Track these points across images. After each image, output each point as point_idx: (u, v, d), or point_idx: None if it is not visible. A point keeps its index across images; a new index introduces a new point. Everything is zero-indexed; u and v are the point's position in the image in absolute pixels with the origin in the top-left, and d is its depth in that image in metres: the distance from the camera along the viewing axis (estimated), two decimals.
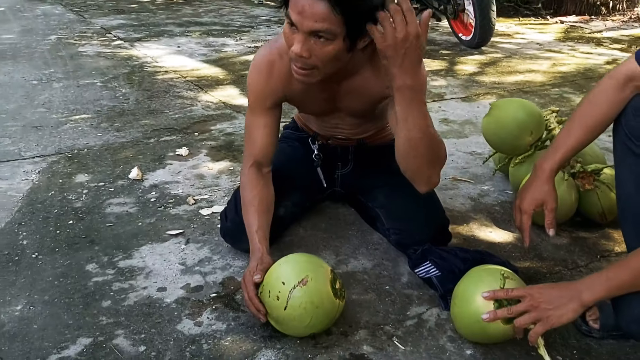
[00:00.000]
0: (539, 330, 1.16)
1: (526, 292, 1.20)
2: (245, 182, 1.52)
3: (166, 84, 3.23)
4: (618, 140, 1.31)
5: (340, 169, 1.76)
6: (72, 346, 1.30)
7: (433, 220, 1.58)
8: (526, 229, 1.39)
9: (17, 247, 1.68)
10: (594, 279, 1.17)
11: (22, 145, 2.38)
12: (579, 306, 1.14)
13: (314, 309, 1.25)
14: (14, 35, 4.41)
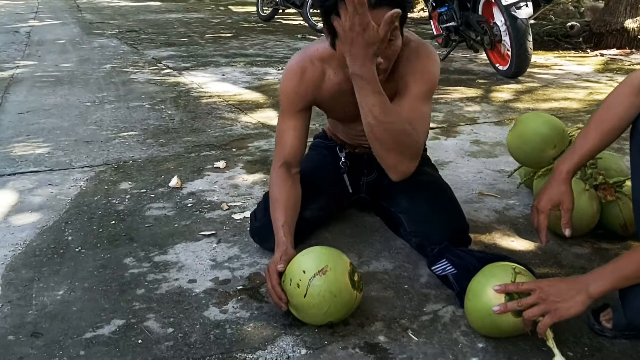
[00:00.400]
0: (548, 322, 1.19)
1: (536, 285, 1.23)
2: (274, 181, 1.61)
3: (209, 106, 3.40)
4: (634, 144, 1.35)
5: (366, 176, 1.84)
6: (106, 326, 1.40)
7: (452, 224, 1.63)
8: (543, 228, 1.43)
9: (62, 242, 1.81)
10: (600, 271, 1.20)
11: (74, 156, 2.56)
12: (586, 298, 1.18)
13: (332, 297, 1.32)
14: (72, 64, 4.71)
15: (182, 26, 7.02)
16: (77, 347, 1.33)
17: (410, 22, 7.26)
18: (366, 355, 1.29)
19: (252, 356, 1.30)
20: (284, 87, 1.62)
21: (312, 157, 1.87)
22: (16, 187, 2.23)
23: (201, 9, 9.07)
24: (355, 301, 1.37)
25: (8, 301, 1.50)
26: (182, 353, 1.31)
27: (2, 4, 9.44)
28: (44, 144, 2.72)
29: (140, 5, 9.38)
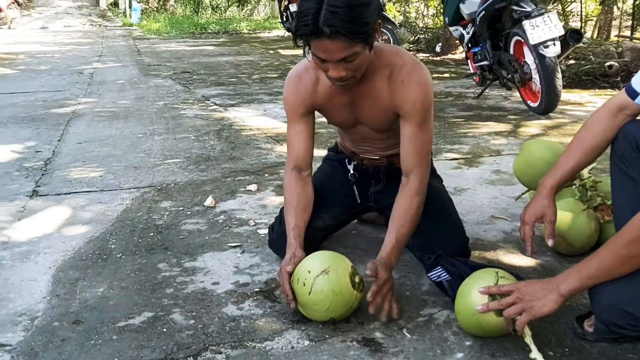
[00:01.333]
0: (524, 320, 1.31)
1: (514, 286, 1.36)
2: (287, 185, 1.80)
3: (248, 138, 3.64)
4: (613, 164, 1.49)
5: (374, 187, 1.98)
6: (137, 317, 1.60)
7: (452, 241, 1.76)
8: (528, 238, 1.56)
9: (106, 249, 2.04)
10: (569, 271, 1.32)
11: (122, 179, 2.82)
12: (558, 297, 1.30)
13: (334, 295, 1.47)
14: (128, 101, 5.09)
15: (232, 68, 7.41)
16: (110, 333, 1.53)
17: (451, 62, 7.45)
18: (362, 348, 1.44)
19: (261, 345, 1.46)
20: (285, 97, 1.81)
21: (324, 169, 2.06)
22: (70, 204, 2.50)
23: (252, 52, 9.52)
24: (355, 300, 1.52)
25: (56, 295, 1.73)
26: (200, 340, 1.48)
27: (69, 48, 10.17)
28: (98, 169, 3.00)
29: (196, 50, 9.93)
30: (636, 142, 1.42)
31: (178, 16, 17.54)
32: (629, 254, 1.25)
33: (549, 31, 3.74)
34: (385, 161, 1.95)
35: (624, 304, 1.26)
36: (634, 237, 1.24)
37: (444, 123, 3.98)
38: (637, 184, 1.41)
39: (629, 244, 1.25)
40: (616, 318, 1.28)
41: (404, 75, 1.66)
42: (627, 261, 1.26)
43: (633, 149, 1.43)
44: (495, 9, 4.17)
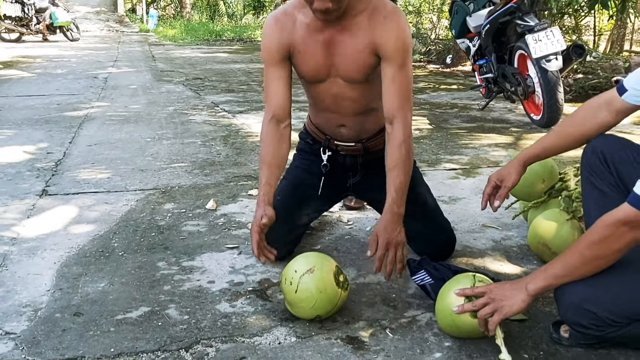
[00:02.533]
0: (496, 319, 1.38)
1: (487, 288, 1.43)
2: (264, 137, 1.81)
3: (254, 144, 3.73)
4: (583, 177, 1.57)
5: (352, 179, 2.03)
6: (134, 311, 1.68)
7: (438, 239, 1.88)
8: (485, 194, 1.71)
9: (109, 247, 2.13)
10: (536, 272, 1.40)
11: (129, 181, 2.92)
12: (525, 296, 1.36)
13: (319, 293, 1.55)
14: (139, 106, 5.20)
15: (243, 75, 7.53)
16: (108, 325, 1.61)
17: (460, 74, 7.51)
18: (345, 345, 1.51)
19: (250, 340, 1.53)
20: (263, 42, 1.80)
21: (301, 164, 2.07)
22: (78, 204, 2.59)
23: None
24: (340, 298, 1.59)
25: (59, 289, 1.81)
26: (193, 334, 1.56)
27: (85, 52, 10.37)
28: (105, 171, 3.10)
29: (209, 56, 10.08)
30: (604, 156, 1.50)
31: (194, 23, 17.78)
32: (591, 255, 1.31)
33: (551, 45, 3.80)
34: (361, 148, 1.96)
35: (586, 303, 1.32)
36: (596, 239, 1.30)
37: (446, 134, 4.04)
38: (606, 196, 1.48)
39: (591, 246, 1.31)
40: (579, 317, 1.34)
41: (387, 13, 1.70)
42: (590, 262, 1.32)
43: (601, 163, 1.51)
44: (500, 22, 4.24)
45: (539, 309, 1.67)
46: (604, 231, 1.30)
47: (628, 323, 1.35)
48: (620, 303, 1.34)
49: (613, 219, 1.29)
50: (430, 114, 4.83)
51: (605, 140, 1.58)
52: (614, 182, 1.54)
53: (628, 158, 1.53)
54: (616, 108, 1.56)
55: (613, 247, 1.30)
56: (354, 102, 1.86)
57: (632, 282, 1.36)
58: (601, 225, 1.31)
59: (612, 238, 1.29)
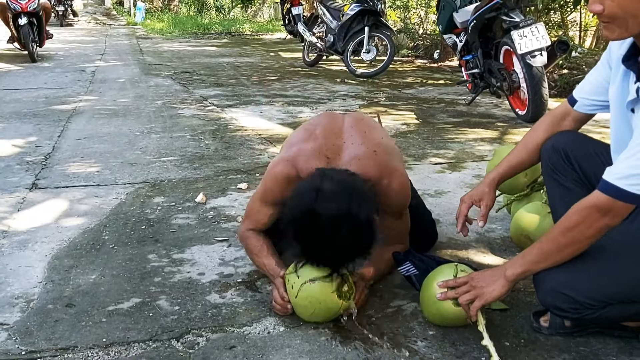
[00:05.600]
0: (477, 305, 1.43)
1: (468, 277, 1.48)
2: (249, 236, 1.85)
3: (243, 138, 3.76)
4: (546, 175, 1.63)
5: None
6: (125, 302, 1.71)
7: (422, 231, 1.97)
8: (461, 216, 1.74)
9: (99, 240, 2.15)
10: (514, 259, 1.45)
11: (118, 175, 2.94)
12: (505, 282, 1.42)
13: (317, 303, 1.53)
14: (128, 100, 5.20)
15: (232, 69, 7.53)
16: (100, 315, 1.64)
17: (447, 69, 7.57)
18: (332, 334, 1.55)
19: (240, 330, 1.57)
20: (269, 188, 1.76)
21: None
22: (68, 197, 2.61)
23: (253, 54, 9.64)
24: (341, 308, 1.56)
25: (51, 281, 1.84)
26: (183, 325, 1.60)
27: (73, 46, 10.30)
28: (95, 165, 3.12)
29: (197, 50, 10.05)
30: (565, 153, 1.57)
31: (182, 16, 17.69)
32: (565, 242, 1.37)
33: (536, 41, 3.86)
34: None
35: (564, 288, 1.38)
36: (570, 225, 1.35)
37: (433, 129, 4.09)
38: (571, 192, 1.55)
39: (565, 232, 1.36)
40: (558, 301, 1.39)
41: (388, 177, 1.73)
42: (564, 248, 1.37)
43: (563, 160, 1.57)
44: (486, 18, 4.29)
45: (520, 299, 1.72)
46: (577, 218, 1.35)
47: (604, 306, 1.40)
48: (597, 287, 1.39)
49: (585, 206, 1.34)
50: (417, 108, 4.88)
51: (564, 137, 1.64)
52: (578, 178, 1.61)
53: (589, 153, 1.60)
54: (572, 118, 1.66)
55: (586, 233, 1.35)
56: None
57: (607, 267, 1.41)
58: (574, 211, 1.36)
59: (585, 224, 1.34)
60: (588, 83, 1.59)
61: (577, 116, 1.64)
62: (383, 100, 5.25)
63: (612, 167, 1.32)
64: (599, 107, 1.59)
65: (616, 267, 1.40)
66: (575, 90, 1.62)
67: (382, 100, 5.23)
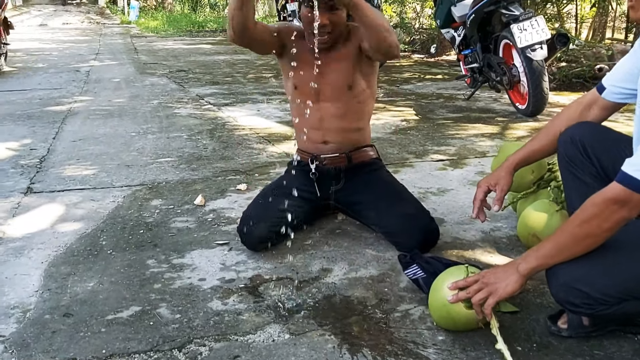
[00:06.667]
0: (491, 302, 1.38)
1: (479, 275, 1.44)
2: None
3: (241, 138, 3.71)
4: (563, 167, 1.58)
5: (334, 186, 2.15)
6: (125, 311, 1.66)
7: (421, 230, 1.94)
8: (477, 200, 1.71)
9: (97, 245, 2.10)
10: (528, 252, 1.41)
11: (115, 177, 2.88)
12: (518, 276, 1.37)
13: None
14: (123, 100, 5.14)
15: (227, 67, 7.47)
16: (99, 325, 1.59)
17: (445, 64, 7.52)
18: (339, 341, 1.50)
19: (243, 338, 1.53)
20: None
21: (288, 175, 2.22)
22: (64, 201, 2.56)
23: (248, 51, 9.52)
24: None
25: (48, 289, 1.79)
26: (185, 334, 1.55)
27: (67, 45, 10.22)
28: (91, 167, 3.07)
29: (192, 48, 9.98)
30: (583, 145, 1.51)
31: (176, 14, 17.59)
32: (581, 234, 1.32)
33: (536, 35, 3.81)
34: (345, 159, 2.13)
35: (577, 283, 1.33)
36: (586, 218, 1.31)
37: (433, 124, 4.04)
38: (588, 185, 1.50)
39: (581, 224, 1.31)
40: (571, 297, 1.34)
41: None
42: (580, 241, 1.33)
43: (580, 153, 1.52)
44: (485, 12, 4.24)
45: (530, 301, 1.68)
46: (594, 210, 1.31)
47: (618, 302, 1.35)
48: (611, 283, 1.34)
49: (603, 198, 1.30)
50: (416, 104, 4.84)
51: (582, 129, 1.58)
52: (595, 173, 1.55)
53: (608, 146, 1.54)
54: (600, 106, 1.60)
55: (603, 225, 1.31)
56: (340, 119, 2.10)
57: (622, 261, 1.36)
58: (591, 204, 1.32)
59: (602, 217, 1.30)
60: (618, 70, 1.54)
61: (604, 104, 1.58)
62: (381, 96, 5.20)
63: (632, 158, 1.28)
64: (628, 96, 1.53)
65: (632, 261, 1.35)
66: (605, 77, 1.57)
67: (381, 97, 5.17)
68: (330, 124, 2.12)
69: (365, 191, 2.10)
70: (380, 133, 3.74)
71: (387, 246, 2.04)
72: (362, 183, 2.12)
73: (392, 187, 2.13)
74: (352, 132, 2.16)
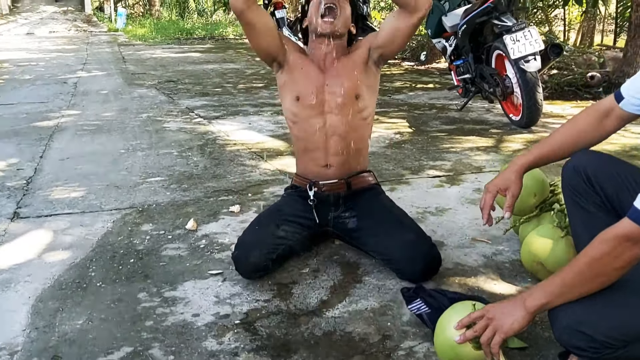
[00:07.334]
0: (498, 340, 1.32)
1: (484, 310, 1.38)
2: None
3: (232, 154, 3.64)
4: (567, 197, 1.53)
5: (333, 212, 2.09)
6: (116, 352, 1.59)
7: (422, 258, 1.89)
8: (487, 206, 1.63)
9: (86, 277, 2.03)
10: (535, 288, 1.35)
11: (104, 200, 2.80)
12: (525, 313, 1.31)
13: None
14: (112, 113, 5.06)
15: (217, 77, 7.39)
16: None
17: (435, 72, 7.49)
18: None
19: None
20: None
21: (286, 200, 2.18)
22: (52, 227, 2.48)
23: (237, 60, 9.50)
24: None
25: (35, 328, 1.71)
26: None
27: (54, 55, 10.09)
28: (79, 188, 2.98)
29: (181, 57, 9.89)
30: (587, 175, 1.46)
31: (163, 21, 17.48)
32: (591, 273, 1.26)
33: (529, 46, 3.78)
34: (344, 186, 2.07)
35: (582, 326, 1.27)
36: (596, 255, 1.25)
37: (427, 137, 4.00)
38: (593, 215, 1.45)
39: (591, 263, 1.26)
40: (576, 340, 1.28)
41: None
42: (590, 280, 1.27)
43: (584, 182, 1.47)
44: (477, 22, 4.20)
45: (538, 335, 1.62)
46: (604, 247, 1.25)
47: (624, 345, 1.30)
48: (617, 325, 1.29)
49: (614, 235, 1.24)
50: (409, 115, 4.79)
51: (586, 157, 1.54)
52: (600, 202, 1.50)
53: (612, 175, 1.49)
54: (617, 115, 1.53)
55: (614, 264, 1.25)
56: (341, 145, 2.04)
57: (629, 303, 1.31)
58: (600, 240, 1.26)
59: (613, 255, 1.24)
60: (638, 80, 1.47)
61: (621, 114, 1.51)
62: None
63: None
64: None
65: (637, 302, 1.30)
66: (624, 85, 1.49)
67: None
68: (334, 141, 2.05)
69: (364, 217, 2.04)
70: (374, 147, 3.69)
71: (388, 274, 1.98)
72: (362, 209, 2.06)
73: (392, 213, 2.07)
74: (354, 154, 2.09)
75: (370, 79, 2.08)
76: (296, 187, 2.18)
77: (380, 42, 2.02)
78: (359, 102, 2.05)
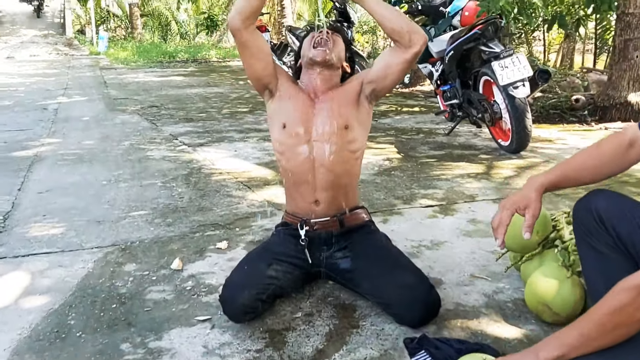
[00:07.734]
0: None
1: None
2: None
3: (219, 184, 3.54)
4: (578, 237, 1.46)
5: (325, 252, 2.00)
6: None
7: (421, 303, 1.80)
8: (503, 225, 1.51)
9: (65, 327, 1.90)
10: (549, 339, 1.27)
11: (84, 237, 2.68)
12: None
13: None
14: (93, 142, 4.93)
15: (201, 101, 7.31)
16: None
17: (420, 94, 7.48)
18: None
19: None
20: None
21: (275, 240, 2.10)
22: (29, 269, 2.35)
23: (221, 83, 9.44)
24: None
25: None
26: None
27: (34, 80, 9.95)
28: (59, 224, 2.86)
29: (164, 80, 9.81)
30: (599, 215, 1.41)
31: (146, 44, 17.40)
32: (611, 325, 1.19)
33: (517, 72, 3.75)
34: (337, 224, 2.00)
35: None
36: (616, 305, 1.18)
37: (417, 164, 3.93)
38: (605, 257, 1.39)
39: (611, 312, 1.18)
40: None
41: None
42: (610, 332, 1.20)
43: (596, 222, 1.41)
44: (464, 49, 4.18)
45: None
46: (625, 297, 1.18)
47: None
48: None
49: (635, 284, 1.17)
50: (397, 140, 4.74)
51: (599, 197, 1.48)
52: (613, 243, 1.44)
53: (625, 216, 1.43)
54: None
55: (636, 315, 1.18)
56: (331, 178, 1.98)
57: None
58: (620, 290, 1.19)
59: (635, 305, 1.17)
60: None
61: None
62: None
63: None
64: None
65: None
66: None
67: None
68: (321, 174, 1.98)
69: (358, 257, 1.95)
70: (364, 174, 3.61)
71: (385, 317, 1.88)
72: (355, 248, 1.98)
73: (387, 252, 1.98)
74: (342, 188, 2.02)
75: (362, 114, 2.02)
76: (287, 225, 2.09)
77: (373, 76, 1.96)
78: (347, 132, 1.98)
